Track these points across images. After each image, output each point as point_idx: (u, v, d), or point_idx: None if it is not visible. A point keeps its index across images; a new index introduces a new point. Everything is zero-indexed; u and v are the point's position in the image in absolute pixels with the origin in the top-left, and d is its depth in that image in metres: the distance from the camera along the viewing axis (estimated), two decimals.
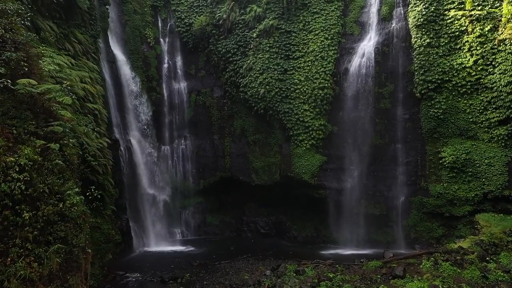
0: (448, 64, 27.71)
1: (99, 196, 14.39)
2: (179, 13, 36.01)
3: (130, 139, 30.51)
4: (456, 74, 27.51)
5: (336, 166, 31.08)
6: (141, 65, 33.71)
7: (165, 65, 35.88)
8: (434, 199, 28.02)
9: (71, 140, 12.48)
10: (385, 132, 30.17)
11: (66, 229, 11.19)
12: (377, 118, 30.28)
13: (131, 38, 33.40)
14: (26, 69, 11.81)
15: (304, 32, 32.26)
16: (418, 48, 28.52)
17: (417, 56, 28.57)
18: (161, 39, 36.05)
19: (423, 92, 28.36)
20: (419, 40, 28.52)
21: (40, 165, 10.83)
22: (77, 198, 11.56)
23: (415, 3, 28.96)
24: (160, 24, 36.20)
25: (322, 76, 30.99)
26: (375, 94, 30.11)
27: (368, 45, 30.71)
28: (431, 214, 28.38)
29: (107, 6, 30.94)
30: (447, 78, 27.72)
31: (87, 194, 14.21)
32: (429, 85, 28.07)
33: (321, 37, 31.58)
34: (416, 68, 28.60)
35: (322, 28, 31.76)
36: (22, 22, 13.51)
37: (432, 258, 20.24)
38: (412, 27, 28.98)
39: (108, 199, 25.26)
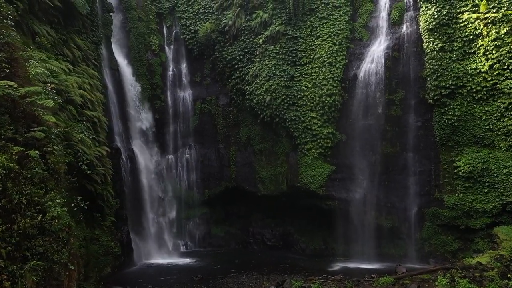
0: (462, 69, 26.50)
1: (85, 207, 13.43)
2: (184, 20, 35.48)
3: (132, 148, 29.75)
4: (470, 79, 26.27)
5: (345, 175, 29.90)
6: (145, 73, 33.11)
7: (170, 73, 35.26)
8: (449, 211, 26.60)
9: (55, 147, 11.60)
10: (396, 140, 28.92)
11: (46, 244, 10.26)
12: (388, 126, 29.07)
13: (135, 46, 32.87)
14: (8, 71, 11.01)
15: (312, 37, 31.38)
16: (430, 53, 27.38)
17: (429, 61, 27.42)
18: (166, 47, 35.49)
19: (436, 98, 27.14)
20: (431, 45, 27.40)
21: (16, 174, 9.96)
22: (59, 209, 10.65)
23: (426, 7, 27.90)
24: (165, 32, 35.70)
25: (330, 82, 29.98)
26: (385, 100, 28.96)
27: (377, 50, 29.65)
28: (446, 226, 26.95)
29: (110, 13, 30.54)
30: (461, 84, 26.48)
31: (82, 205, 13.32)
32: (442, 91, 26.85)
33: (329, 43, 30.64)
34: (428, 74, 27.43)
35: (330, 33, 30.83)
36: (10, 23, 12.75)
37: (448, 275, 18.82)
38: (423, 31, 27.89)
39: (108, 209, 24.46)
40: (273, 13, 32.30)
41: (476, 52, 26.20)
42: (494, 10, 25.58)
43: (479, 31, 26.10)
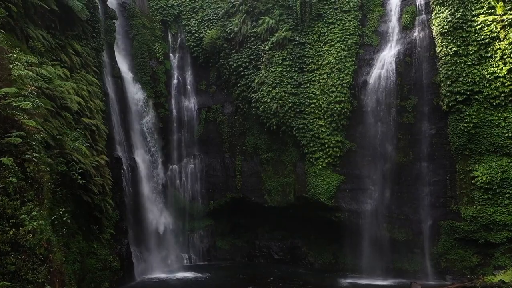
0: (478, 74, 25.21)
1: (68, 221, 12.41)
2: (189, 27, 34.80)
3: (134, 158, 28.84)
4: (487, 84, 24.95)
5: (355, 186, 28.65)
6: (149, 81, 32.34)
7: (175, 81, 34.47)
8: (467, 224, 25.09)
9: (36, 154, 10.62)
10: (409, 149, 27.59)
11: (19, 262, 9.22)
12: (400, 134, 27.80)
13: (138, 53, 32.19)
14: None
15: (319, 43, 30.40)
16: (444, 57, 26.18)
17: (443, 66, 26.20)
18: (171, 54, 34.78)
19: (450, 104, 25.83)
20: (444, 49, 26.21)
21: None
22: (35, 223, 9.61)
23: (439, 10, 26.77)
24: (170, 39, 35.02)
25: (338, 89, 28.87)
26: (397, 107, 27.74)
27: (388, 55, 28.54)
28: (463, 240, 25.41)
29: (114, 20, 29.95)
30: (478, 89, 25.17)
31: (64, 218, 12.30)
32: (457, 97, 25.55)
33: (337, 48, 29.61)
34: (442, 79, 26.19)
35: (338, 38, 29.82)
36: None
37: None
38: (436, 35, 26.73)
39: (106, 221, 23.50)
40: (280, 19, 31.45)
41: (493, 56, 24.92)
42: None
43: (495, 34, 24.86)
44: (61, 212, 11.91)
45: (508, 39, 24.31)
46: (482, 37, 25.25)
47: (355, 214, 28.58)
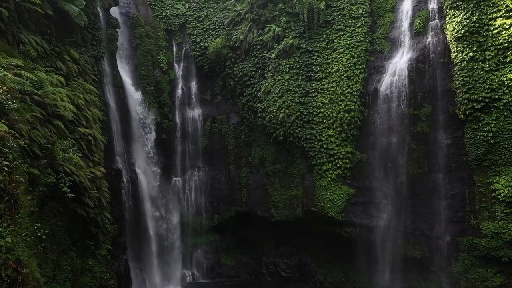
0: (496, 80, 23.76)
1: (44, 237, 11.21)
2: (194, 36, 34.05)
3: (135, 170, 27.75)
4: (507, 91, 23.48)
5: (367, 199, 27.25)
6: (152, 91, 31.48)
7: (179, 91, 33.58)
8: (488, 240, 23.34)
9: (7, 163, 9.51)
10: (424, 160, 26.07)
11: None
12: (414, 144, 26.34)
13: (141, 63, 31.42)
14: None
15: (328, 50, 29.32)
16: (459, 63, 24.81)
17: (458, 72, 24.81)
18: (175, 64, 33.97)
19: (467, 112, 24.36)
20: (460, 54, 24.85)
21: None
22: (1, 241, 8.42)
23: (453, 14, 25.49)
24: (174, 49, 34.28)
25: (348, 97, 27.63)
26: (410, 116, 26.36)
27: (400, 62, 27.29)
28: (484, 258, 23.64)
29: (116, 29, 29.26)
30: (497, 96, 23.69)
31: (39, 233, 11.11)
32: (475, 104, 24.08)
33: (346, 56, 28.48)
34: (458, 86, 24.79)
35: (347, 45, 28.72)
36: None
37: None
38: (451, 40, 25.42)
39: (103, 236, 22.27)
40: (287, 26, 30.52)
41: None
42: None
43: None
44: (35, 227, 10.62)
45: None
46: (500, 41, 23.86)
47: (366, 229, 27.15)
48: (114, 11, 30.33)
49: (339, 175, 27.58)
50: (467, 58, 24.57)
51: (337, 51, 28.91)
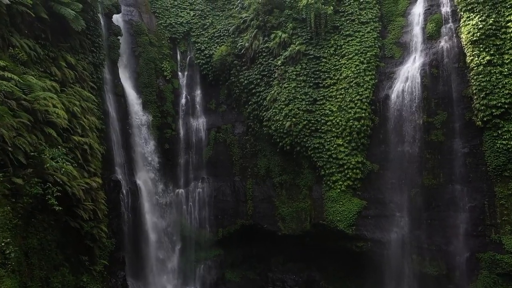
0: None
1: (12, 254, 10.06)
2: (199, 44, 33.26)
3: (135, 181, 26.71)
4: None
5: (379, 212, 25.84)
6: (155, 100, 30.59)
7: (183, 100, 32.65)
8: (511, 257, 21.59)
9: None
10: (439, 170, 24.60)
11: None
12: (428, 153, 24.92)
13: (144, 71, 30.61)
14: None
15: (336, 57, 28.25)
16: (476, 68, 23.48)
17: (475, 77, 23.46)
18: (180, 73, 33.13)
19: (486, 119, 22.91)
20: (476, 58, 23.53)
21: None
22: None
23: (468, 17, 24.28)
24: (179, 57, 33.47)
25: (358, 105, 26.41)
26: (423, 124, 25.01)
27: (412, 67, 26.06)
28: (508, 276, 21.95)
29: (118, 37, 28.61)
30: None
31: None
32: (494, 110, 22.65)
33: (355, 61, 27.36)
34: (475, 92, 23.42)
35: (356, 51, 27.64)
36: None
37: None
38: (466, 44, 24.15)
39: (99, 251, 21.20)
40: (293, 32, 29.59)
41: None
42: None
43: None
44: (3, 244, 9.47)
45: None
46: None
47: (379, 244, 25.71)
48: (117, 19, 29.75)
49: (349, 187, 26.24)
50: (484, 62, 23.25)
51: (346, 57, 27.84)
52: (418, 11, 27.27)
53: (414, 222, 24.87)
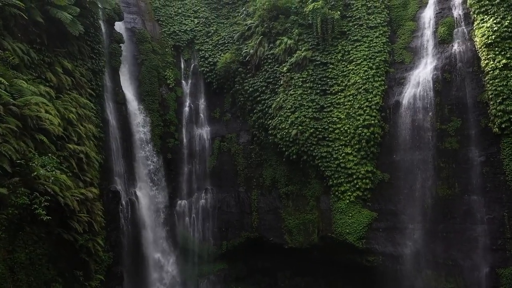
0: None
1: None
2: (203, 52, 32.60)
3: (135, 192, 25.79)
4: None
5: (390, 224, 24.69)
6: (157, 108, 29.79)
7: (186, 109, 31.83)
8: None
9: None
10: (454, 179, 23.33)
11: None
12: (442, 162, 23.71)
13: (146, 79, 29.90)
14: None
15: (343, 62, 27.37)
16: (491, 72, 22.37)
17: (490, 82, 22.33)
18: (183, 81, 32.40)
19: (503, 126, 21.69)
20: (492, 62, 22.45)
21: None
22: None
23: (482, 19, 23.27)
24: (182, 65, 32.79)
25: (367, 111, 25.39)
26: (436, 131, 23.88)
27: (423, 72, 25.05)
28: None
29: (120, 44, 27.98)
30: None
31: None
32: (511, 116, 21.39)
33: (364, 67, 26.44)
34: (491, 97, 22.25)
35: (365, 56, 26.76)
36: None
37: None
38: (480, 47, 23.09)
39: (95, 265, 20.11)
40: (299, 38, 28.85)
41: None
42: None
43: None
44: None
45: None
46: None
47: (391, 258, 24.46)
48: (120, 27, 29.18)
49: (358, 197, 25.09)
50: (500, 66, 22.14)
51: (354, 63, 26.95)
52: (428, 14, 26.40)
53: (429, 235, 23.57)
